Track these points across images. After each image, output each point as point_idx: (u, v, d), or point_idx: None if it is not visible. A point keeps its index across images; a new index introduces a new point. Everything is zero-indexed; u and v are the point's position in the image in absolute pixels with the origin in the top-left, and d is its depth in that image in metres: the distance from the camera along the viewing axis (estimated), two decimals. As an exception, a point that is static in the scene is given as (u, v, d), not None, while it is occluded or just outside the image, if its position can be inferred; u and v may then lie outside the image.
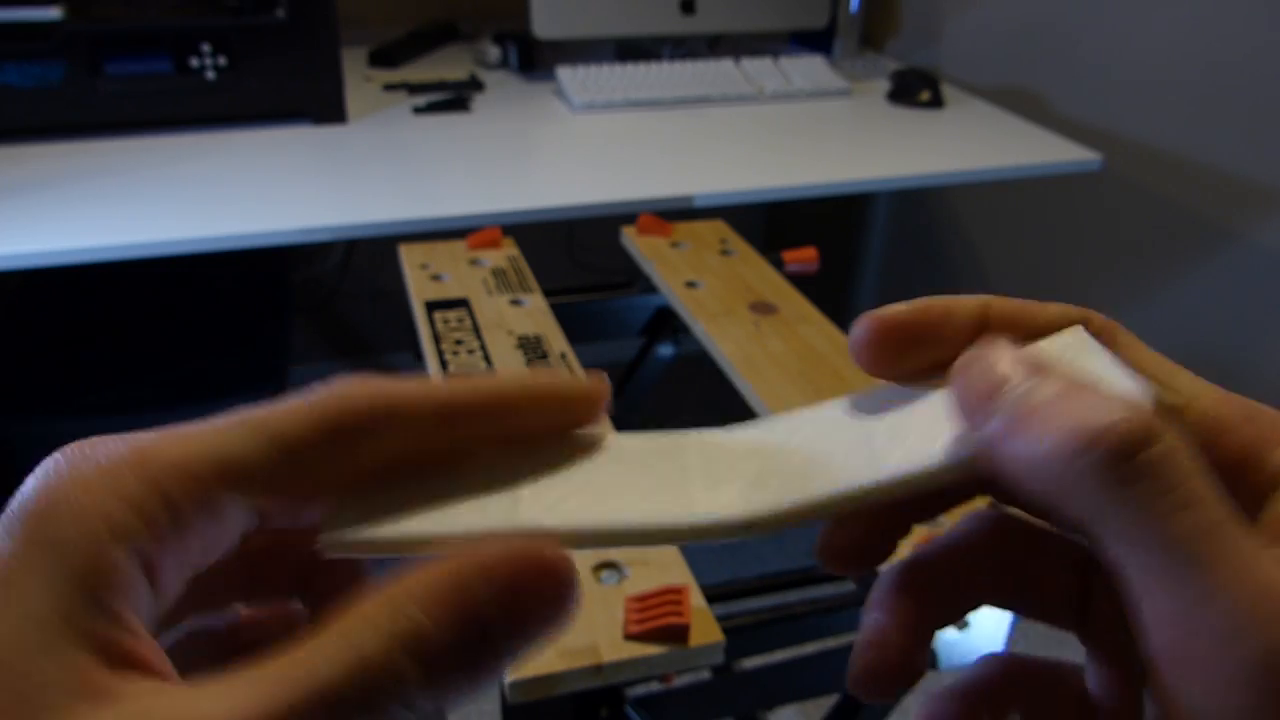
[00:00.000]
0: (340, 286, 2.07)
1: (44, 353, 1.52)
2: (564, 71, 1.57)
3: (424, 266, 1.02)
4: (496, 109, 1.54)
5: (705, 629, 0.58)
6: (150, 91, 1.32)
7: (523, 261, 1.04)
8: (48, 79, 1.27)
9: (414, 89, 1.58)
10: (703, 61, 1.66)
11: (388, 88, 1.59)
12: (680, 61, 1.66)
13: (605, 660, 0.55)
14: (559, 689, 0.55)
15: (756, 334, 0.89)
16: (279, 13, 1.32)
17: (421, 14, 1.91)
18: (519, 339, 0.88)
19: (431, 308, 0.94)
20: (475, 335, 0.89)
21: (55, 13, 1.24)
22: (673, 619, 0.57)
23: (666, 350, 1.10)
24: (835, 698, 0.85)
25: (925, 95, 1.59)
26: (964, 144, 1.46)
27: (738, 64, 1.65)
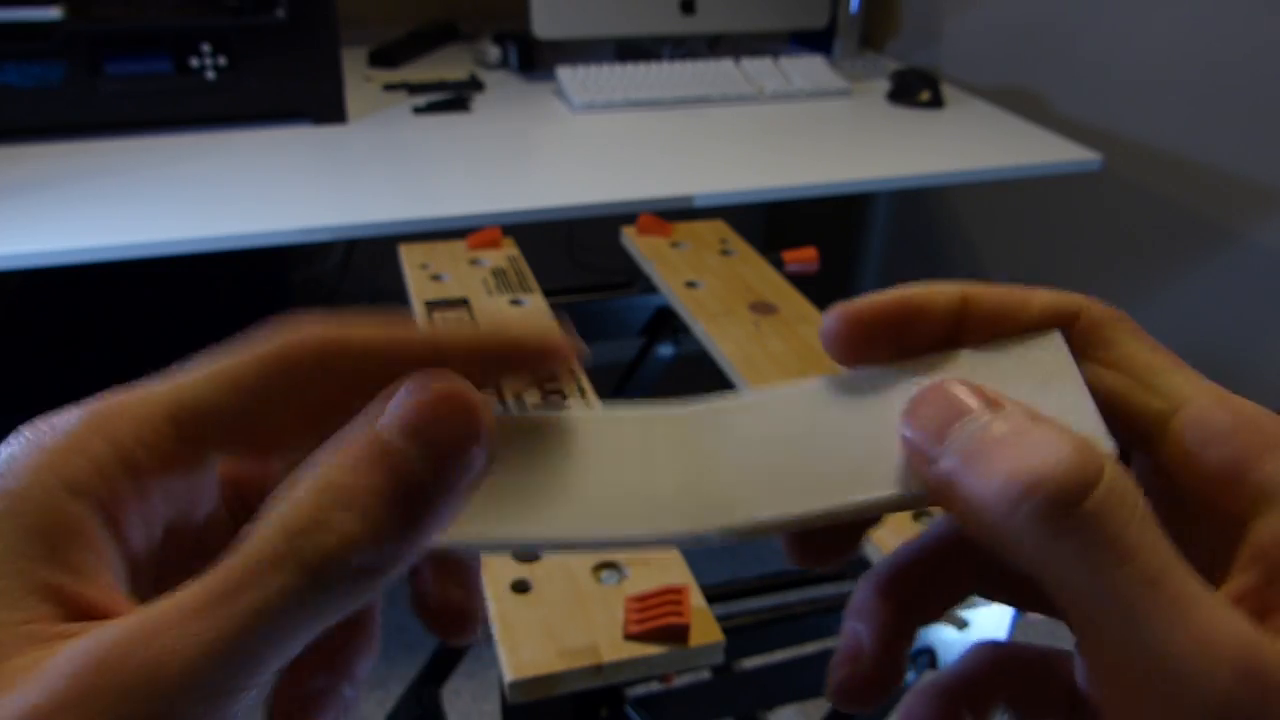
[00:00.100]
0: (340, 286, 2.06)
1: (44, 353, 1.52)
2: (564, 71, 1.57)
3: (424, 266, 1.02)
4: (496, 109, 1.54)
5: (705, 629, 0.58)
6: (150, 91, 1.32)
7: (523, 261, 1.04)
8: (48, 79, 1.27)
9: (414, 89, 1.58)
10: (703, 61, 1.66)
11: (388, 88, 1.59)
12: (680, 61, 1.66)
13: (605, 660, 0.56)
14: (559, 689, 0.55)
15: (756, 334, 0.89)
16: (279, 13, 1.32)
17: (421, 14, 1.91)
18: (519, 339, 0.88)
19: (431, 308, 0.94)
20: (475, 335, 0.89)
21: (55, 13, 1.24)
22: (673, 619, 0.57)
23: (666, 350, 1.10)
24: (835, 698, 0.85)
25: (925, 95, 1.59)
26: (964, 144, 1.46)
27: (738, 64, 1.65)
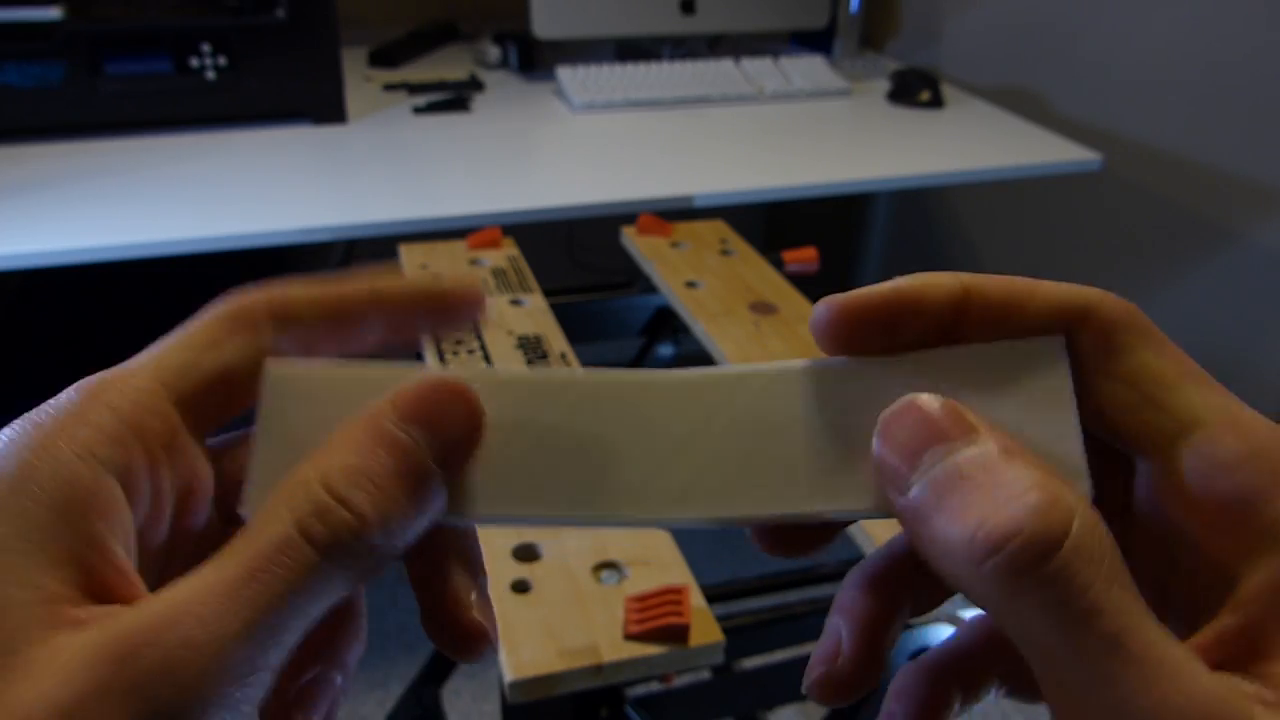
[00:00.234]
0: (340, 286, 2.06)
1: (44, 353, 1.52)
2: (564, 71, 1.57)
3: (424, 266, 1.02)
4: (496, 109, 1.54)
5: (705, 629, 0.58)
6: (150, 91, 1.32)
7: (523, 261, 1.04)
8: (48, 79, 1.27)
9: (414, 89, 1.58)
10: (703, 61, 1.66)
11: (388, 88, 1.59)
12: (680, 61, 1.66)
13: (605, 660, 0.56)
14: (559, 689, 0.55)
15: (756, 334, 0.89)
16: (279, 13, 1.32)
17: (421, 14, 1.91)
18: (519, 339, 0.88)
19: (431, 308, 0.93)
20: (475, 335, 0.89)
21: (55, 13, 1.24)
22: (673, 619, 0.57)
23: (666, 350, 1.10)
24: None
25: (925, 95, 1.59)
26: (964, 144, 1.46)
27: (738, 64, 1.65)
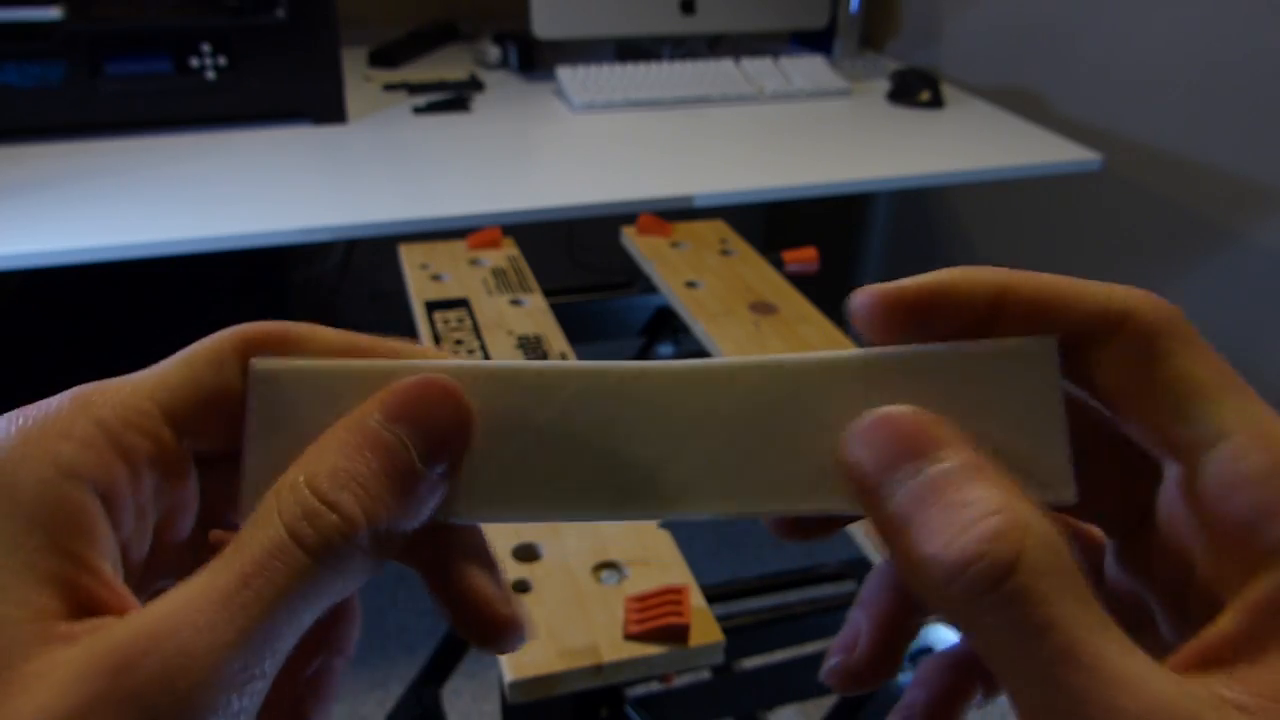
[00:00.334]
0: (340, 286, 2.06)
1: (44, 353, 1.52)
2: (564, 71, 1.57)
3: (424, 266, 1.02)
4: (496, 109, 1.54)
5: (705, 629, 0.58)
6: (150, 91, 1.32)
7: (523, 261, 1.04)
8: (48, 79, 1.27)
9: (414, 89, 1.58)
10: (703, 61, 1.66)
11: (388, 88, 1.59)
12: (680, 61, 1.66)
13: (605, 660, 0.56)
14: (559, 689, 0.55)
15: (756, 334, 0.89)
16: (279, 13, 1.32)
17: (421, 14, 1.91)
18: (519, 339, 0.88)
19: (431, 308, 0.94)
20: (475, 335, 0.89)
21: (55, 13, 1.24)
22: (673, 619, 0.57)
23: (666, 350, 1.10)
24: (835, 698, 0.85)
25: (925, 95, 1.59)
26: (964, 144, 1.46)
27: (738, 64, 1.65)
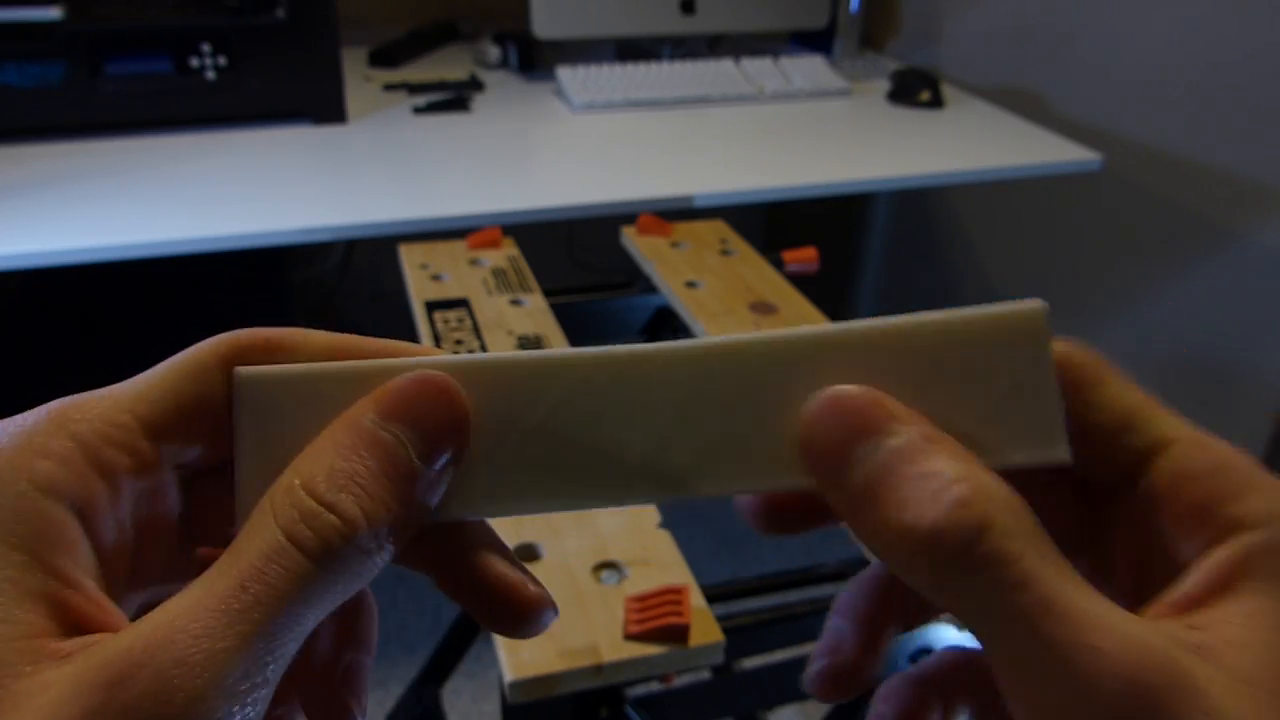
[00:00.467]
0: (340, 286, 2.06)
1: (44, 353, 1.52)
2: (564, 71, 1.57)
3: (424, 266, 1.02)
4: (496, 109, 1.54)
5: (705, 629, 0.58)
6: (150, 91, 1.32)
7: (523, 261, 1.04)
8: (48, 79, 1.27)
9: (414, 89, 1.58)
10: (703, 61, 1.66)
11: (388, 88, 1.59)
12: (680, 61, 1.66)
13: (605, 660, 0.56)
14: (559, 689, 0.55)
15: (756, 334, 0.89)
16: (279, 13, 1.32)
17: (421, 14, 1.91)
18: (519, 339, 0.88)
19: (431, 308, 0.94)
20: (475, 335, 0.89)
21: (55, 13, 1.24)
22: (673, 619, 0.57)
23: (666, 350, 1.09)
24: (835, 698, 0.85)
25: (925, 95, 1.59)
26: (964, 144, 1.46)
27: (738, 64, 1.65)
